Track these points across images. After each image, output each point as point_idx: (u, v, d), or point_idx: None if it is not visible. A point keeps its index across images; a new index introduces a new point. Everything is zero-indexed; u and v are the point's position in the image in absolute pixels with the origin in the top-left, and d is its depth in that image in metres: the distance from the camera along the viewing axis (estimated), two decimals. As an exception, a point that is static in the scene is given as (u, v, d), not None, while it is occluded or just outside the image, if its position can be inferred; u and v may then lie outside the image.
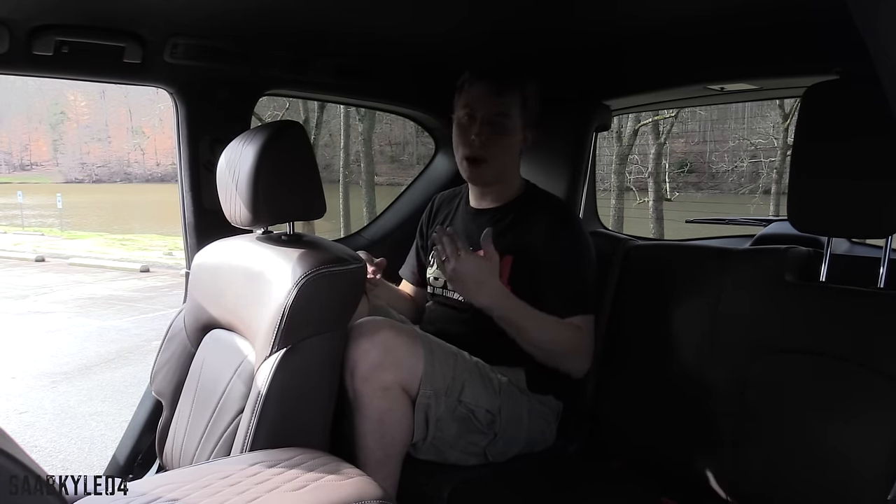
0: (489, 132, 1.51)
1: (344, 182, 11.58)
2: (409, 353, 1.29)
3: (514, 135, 1.54)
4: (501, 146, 1.53)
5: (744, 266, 1.34)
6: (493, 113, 1.51)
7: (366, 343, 1.26)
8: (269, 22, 1.44)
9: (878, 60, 0.55)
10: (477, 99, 1.52)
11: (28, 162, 49.07)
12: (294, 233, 1.28)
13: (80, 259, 10.88)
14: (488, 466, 1.40)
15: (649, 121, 11.47)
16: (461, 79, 1.57)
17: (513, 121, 1.52)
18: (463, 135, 1.54)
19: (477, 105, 1.52)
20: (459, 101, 1.56)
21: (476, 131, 1.51)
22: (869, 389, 1.11)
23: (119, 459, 1.56)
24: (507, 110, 1.51)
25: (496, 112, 1.51)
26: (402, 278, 1.80)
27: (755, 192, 15.92)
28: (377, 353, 1.26)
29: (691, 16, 1.38)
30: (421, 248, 1.77)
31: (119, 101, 44.85)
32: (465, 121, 1.53)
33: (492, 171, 1.55)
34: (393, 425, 1.28)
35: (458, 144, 1.56)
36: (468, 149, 1.53)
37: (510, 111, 1.52)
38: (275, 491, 0.90)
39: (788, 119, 11.51)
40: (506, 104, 1.51)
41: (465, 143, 1.53)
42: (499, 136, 1.52)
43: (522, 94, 1.53)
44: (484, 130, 1.51)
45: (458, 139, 1.56)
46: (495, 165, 1.54)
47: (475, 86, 1.52)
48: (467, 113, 1.53)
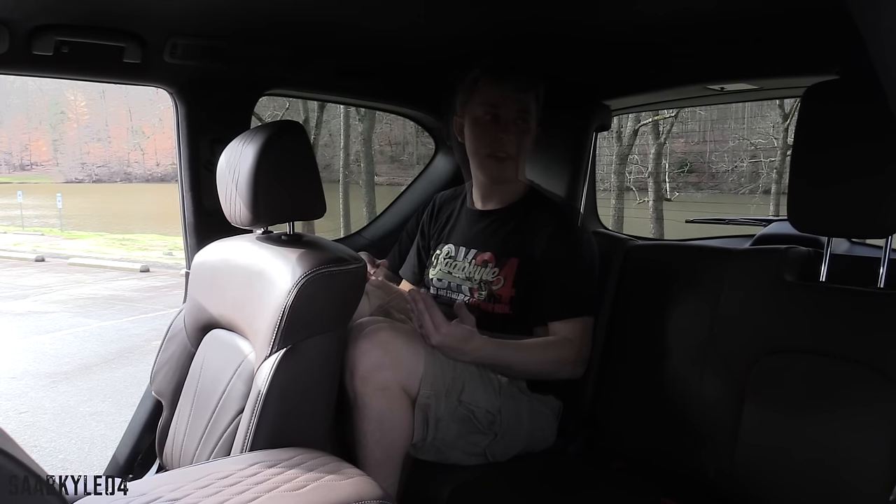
0: (515, 130, 1.52)
1: (344, 182, 11.58)
2: (409, 353, 1.29)
3: (532, 132, 1.56)
4: (524, 144, 1.54)
5: (744, 266, 1.34)
6: (518, 110, 1.52)
7: (366, 343, 1.26)
8: (268, 22, 1.44)
9: (878, 60, 0.55)
10: (500, 97, 1.52)
11: (28, 162, 49.10)
12: (294, 233, 1.28)
13: (80, 259, 10.89)
14: (488, 466, 1.40)
15: (649, 121, 11.48)
16: (471, 77, 1.56)
17: (532, 118, 1.54)
18: (486, 134, 1.53)
19: (500, 103, 1.52)
20: (475, 100, 1.55)
21: (503, 129, 1.51)
22: (869, 389, 1.11)
23: (119, 459, 1.56)
24: (528, 108, 1.53)
25: (521, 109, 1.52)
26: (403, 278, 1.80)
27: (755, 192, 15.93)
28: (377, 353, 1.26)
29: (691, 15, 1.37)
30: (422, 249, 1.76)
31: (119, 101, 44.88)
32: (489, 119, 1.53)
33: (514, 168, 1.56)
34: (393, 425, 1.28)
35: (479, 143, 1.55)
36: (495, 147, 1.52)
37: (531, 109, 1.53)
38: (275, 491, 0.90)
39: (788, 119, 11.51)
40: (527, 101, 1.53)
41: (490, 142, 1.53)
42: (524, 133, 1.53)
43: (537, 93, 1.55)
44: (510, 129, 1.51)
45: (480, 138, 1.54)
46: (519, 162, 1.56)
47: (497, 84, 1.52)
48: (490, 111, 1.52)
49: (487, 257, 1.55)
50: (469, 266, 1.58)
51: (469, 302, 1.53)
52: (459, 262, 1.60)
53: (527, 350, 1.43)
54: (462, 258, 1.60)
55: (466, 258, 1.59)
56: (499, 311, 1.50)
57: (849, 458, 1.12)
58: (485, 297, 1.52)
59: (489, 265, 1.54)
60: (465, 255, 1.60)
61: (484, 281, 1.53)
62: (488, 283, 1.52)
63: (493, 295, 1.51)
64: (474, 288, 1.54)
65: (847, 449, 1.12)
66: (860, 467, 1.11)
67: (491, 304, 1.51)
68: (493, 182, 1.60)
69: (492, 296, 1.51)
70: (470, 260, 1.58)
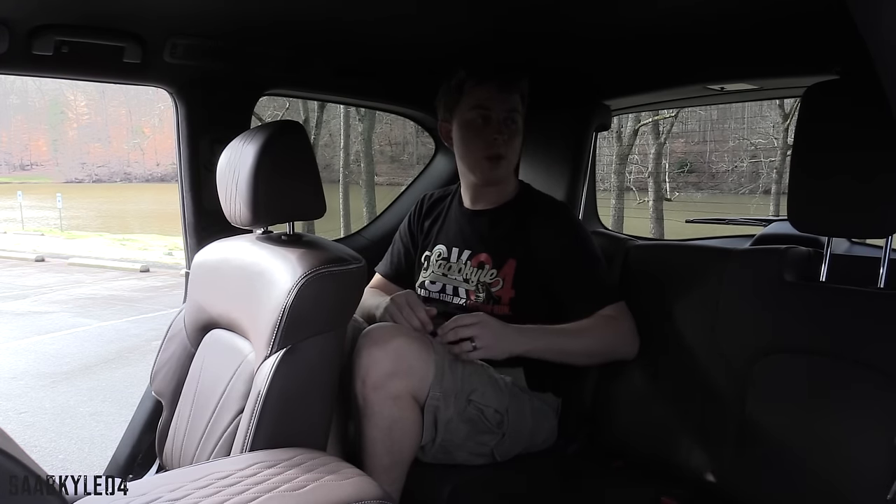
0: (507, 130, 1.53)
1: (344, 182, 11.57)
2: (421, 361, 1.28)
3: (521, 131, 1.57)
4: (516, 143, 1.56)
5: (744, 266, 1.34)
6: (508, 109, 1.53)
7: (378, 351, 1.25)
8: (268, 22, 1.44)
9: (878, 60, 0.55)
10: (490, 98, 1.52)
11: (28, 162, 49.04)
12: (294, 233, 1.28)
13: (80, 259, 10.89)
14: (488, 466, 1.40)
15: (649, 121, 11.48)
16: (457, 79, 1.56)
17: (520, 117, 1.56)
18: (480, 135, 1.53)
19: (491, 104, 1.52)
20: (463, 103, 1.55)
21: (497, 129, 1.52)
22: (869, 389, 1.11)
23: (119, 459, 1.56)
24: (516, 107, 1.54)
25: (510, 108, 1.53)
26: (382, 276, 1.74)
27: (755, 192, 15.92)
28: (389, 361, 1.25)
29: (691, 15, 1.37)
30: (412, 247, 1.73)
31: (119, 101, 44.88)
32: (480, 121, 1.53)
33: (509, 167, 1.57)
34: (402, 433, 1.27)
35: (473, 145, 1.55)
36: (490, 148, 1.52)
37: (518, 108, 1.55)
38: (274, 491, 0.90)
39: (788, 119, 11.51)
40: (515, 101, 1.54)
41: (485, 143, 1.53)
42: (515, 132, 1.55)
43: (522, 93, 1.57)
44: (504, 129, 1.52)
45: (474, 140, 1.54)
46: (512, 162, 1.57)
47: (485, 86, 1.53)
48: (481, 113, 1.53)
49: (484, 258, 1.54)
50: (465, 268, 1.57)
51: (466, 304, 1.53)
52: (454, 264, 1.59)
53: (582, 331, 1.41)
54: (456, 259, 1.59)
55: (461, 259, 1.58)
56: (498, 312, 1.48)
57: (848, 458, 1.12)
58: (483, 299, 1.51)
59: (486, 266, 1.53)
60: (460, 257, 1.59)
61: (482, 282, 1.52)
62: (486, 284, 1.52)
63: (492, 296, 1.51)
64: (471, 290, 1.53)
65: (847, 448, 1.12)
66: (860, 467, 1.11)
67: (490, 305, 1.50)
68: (487, 184, 1.59)
69: (491, 297, 1.51)
70: (465, 261, 1.57)
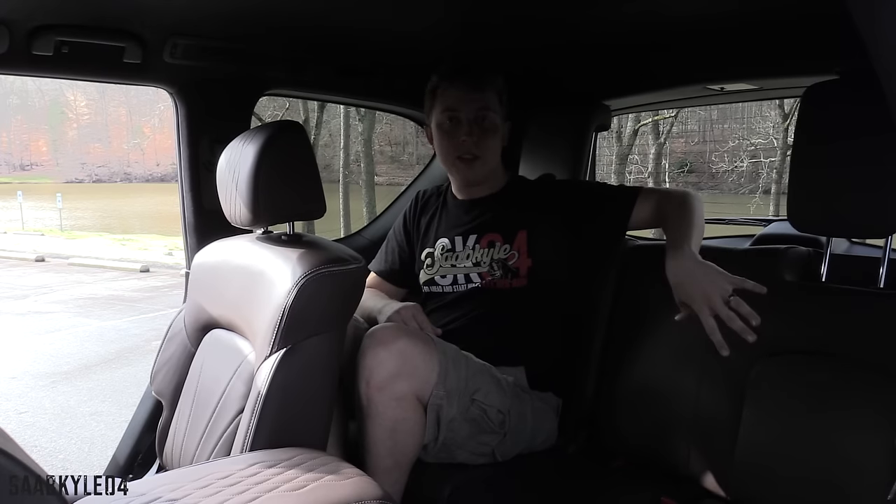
0: (478, 130, 1.52)
1: (344, 182, 11.57)
2: (425, 361, 1.27)
3: (498, 129, 1.56)
4: (490, 142, 1.54)
5: (744, 266, 1.34)
6: (478, 109, 1.52)
7: (383, 352, 1.24)
8: (268, 22, 1.44)
9: (878, 60, 0.55)
10: (458, 100, 1.52)
11: (28, 162, 49.07)
12: (294, 233, 1.28)
13: (80, 259, 10.89)
14: (488, 466, 1.40)
15: (649, 121, 11.48)
16: (430, 84, 1.57)
17: (494, 115, 1.54)
18: (450, 138, 1.54)
19: (459, 106, 1.52)
20: (436, 106, 1.56)
21: (466, 131, 1.52)
22: (869, 389, 1.11)
23: (119, 459, 1.56)
24: (488, 105, 1.53)
25: (480, 108, 1.52)
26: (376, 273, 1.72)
27: (755, 192, 15.90)
28: (394, 362, 1.24)
29: (691, 16, 1.38)
30: (406, 245, 1.71)
31: (119, 101, 44.90)
32: (449, 124, 1.54)
33: (485, 167, 1.56)
34: (406, 434, 1.27)
35: (445, 148, 1.56)
36: (460, 149, 1.53)
37: (492, 106, 1.54)
38: (274, 491, 0.90)
39: (788, 119, 11.50)
40: (485, 99, 1.53)
41: (454, 146, 1.54)
42: (487, 132, 1.53)
43: (497, 90, 1.56)
44: (473, 129, 1.52)
45: (445, 143, 1.56)
46: (488, 162, 1.56)
47: (453, 87, 1.53)
48: (450, 116, 1.53)
49: (493, 237, 1.54)
50: (474, 252, 1.55)
51: (482, 286, 1.52)
52: (461, 252, 1.58)
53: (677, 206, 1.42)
54: (462, 247, 1.58)
55: (468, 245, 1.57)
56: (516, 284, 1.50)
57: (848, 458, 1.12)
58: (500, 275, 1.51)
59: (497, 244, 1.53)
60: (466, 243, 1.58)
61: (496, 260, 1.52)
62: (501, 260, 1.51)
63: (509, 270, 1.50)
64: (485, 272, 1.52)
65: (846, 448, 1.12)
66: (860, 467, 1.11)
67: (508, 280, 1.50)
68: (468, 184, 1.61)
69: (508, 271, 1.50)
70: (473, 246, 1.56)
